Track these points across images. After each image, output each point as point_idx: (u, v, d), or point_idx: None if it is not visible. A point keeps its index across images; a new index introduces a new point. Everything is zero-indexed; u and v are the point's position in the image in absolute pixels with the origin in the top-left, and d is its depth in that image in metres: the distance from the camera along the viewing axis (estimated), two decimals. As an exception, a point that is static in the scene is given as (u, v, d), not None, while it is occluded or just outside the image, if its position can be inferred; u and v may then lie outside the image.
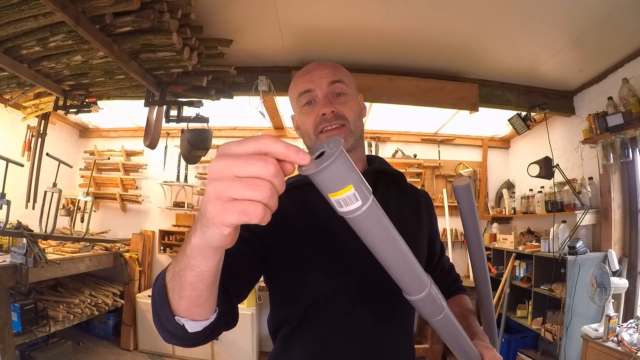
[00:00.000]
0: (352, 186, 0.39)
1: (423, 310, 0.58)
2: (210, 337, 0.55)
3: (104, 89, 2.59)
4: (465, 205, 0.76)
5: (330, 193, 0.40)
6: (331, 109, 0.76)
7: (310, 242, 0.73)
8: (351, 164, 0.39)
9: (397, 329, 0.78)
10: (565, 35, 2.22)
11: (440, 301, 0.57)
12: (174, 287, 0.47)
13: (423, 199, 0.92)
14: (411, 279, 0.53)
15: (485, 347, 0.71)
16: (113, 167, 4.06)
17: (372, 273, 0.74)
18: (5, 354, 2.15)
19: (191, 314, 0.49)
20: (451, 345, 0.65)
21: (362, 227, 0.45)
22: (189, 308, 0.48)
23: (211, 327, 0.53)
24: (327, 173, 0.38)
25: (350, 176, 0.39)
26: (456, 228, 3.88)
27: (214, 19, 2.13)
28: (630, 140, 2.32)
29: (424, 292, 0.54)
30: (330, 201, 0.41)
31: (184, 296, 0.46)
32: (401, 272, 0.52)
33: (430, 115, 3.40)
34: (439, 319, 0.58)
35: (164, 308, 0.49)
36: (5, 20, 1.72)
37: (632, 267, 2.44)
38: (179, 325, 0.49)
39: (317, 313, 0.73)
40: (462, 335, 0.64)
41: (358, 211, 0.41)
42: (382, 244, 0.48)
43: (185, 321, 0.49)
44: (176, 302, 0.48)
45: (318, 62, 0.83)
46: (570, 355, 2.44)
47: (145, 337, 3.42)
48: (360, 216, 0.42)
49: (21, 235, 2.35)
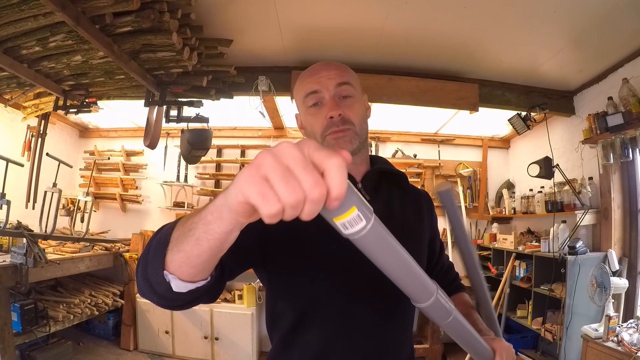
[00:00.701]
0: (355, 207, 0.40)
1: (432, 315, 0.59)
2: (189, 304, 0.53)
3: (104, 89, 2.59)
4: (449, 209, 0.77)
5: (335, 217, 0.40)
6: (338, 112, 0.76)
7: (313, 239, 0.72)
8: (351, 186, 0.39)
9: (397, 328, 0.78)
10: (565, 35, 2.21)
11: (448, 305, 0.59)
12: (180, 238, 0.45)
13: (424, 199, 0.92)
14: (418, 288, 0.54)
15: (493, 339, 0.73)
16: (113, 167, 4.06)
17: (372, 273, 0.74)
18: (5, 354, 2.15)
19: (182, 272, 0.47)
20: (462, 343, 0.67)
21: (367, 246, 0.46)
22: (182, 265, 0.46)
23: (196, 293, 0.50)
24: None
25: (352, 198, 0.39)
26: (456, 228, 3.88)
27: (214, 19, 2.13)
28: (630, 140, 2.32)
29: (431, 299, 0.55)
30: (336, 225, 0.42)
31: (183, 249, 0.45)
32: (408, 282, 0.53)
33: (430, 115, 3.40)
34: (448, 321, 0.60)
35: (157, 258, 0.47)
36: (5, 20, 1.72)
37: (632, 267, 2.44)
38: (164, 281, 0.47)
39: (317, 312, 0.73)
40: (472, 334, 0.66)
41: (363, 231, 0.42)
42: (389, 259, 0.49)
43: (172, 278, 0.47)
44: (174, 253, 0.46)
45: (325, 62, 0.82)
46: (570, 355, 2.44)
47: (145, 337, 3.42)
48: (365, 236, 0.43)
49: (21, 235, 2.35)
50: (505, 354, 0.72)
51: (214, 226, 0.41)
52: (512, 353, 0.74)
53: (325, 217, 0.42)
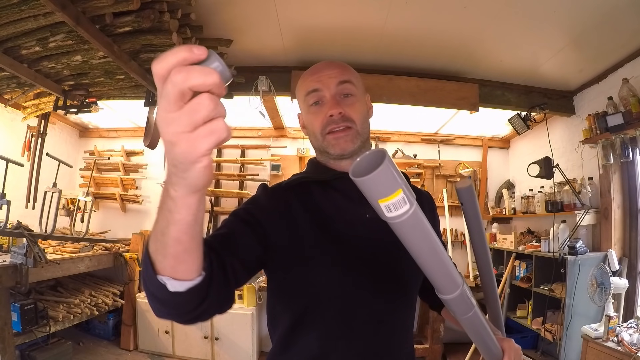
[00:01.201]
0: (401, 190, 0.40)
1: (454, 308, 0.58)
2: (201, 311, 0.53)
3: (104, 89, 2.59)
4: (469, 206, 0.77)
5: (381, 199, 0.40)
6: (339, 110, 0.76)
7: (314, 239, 0.72)
8: (397, 169, 0.39)
9: (397, 328, 0.78)
10: (565, 35, 2.22)
11: (471, 299, 0.58)
12: (158, 248, 0.45)
13: (426, 200, 0.92)
14: (446, 278, 0.54)
15: (503, 339, 0.73)
16: (113, 167, 4.06)
17: (373, 273, 0.74)
18: (5, 354, 2.15)
19: (176, 272, 0.47)
20: (476, 339, 0.67)
21: (407, 231, 0.45)
22: (174, 266, 0.46)
23: (197, 293, 0.49)
24: (379, 177, 0.38)
25: (398, 180, 0.39)
26: (456, 228, 3.88)
27: (214, 19, 2.13)
28: (630, 140, 2.32)
29: (457, 291, 0.55)
30: (379, 207, 0.41)
31: (169, 253, 0.45)
32: (438, 272, 0.53)
33: (430, 115, 3.40)
34: (469, 316, 0.59)
35: (147, 264, 0.47)
36: (5, 20, 1.72)
37: (632, 267, 2.44)
38: (160, 285, 0.47)
39: (318, 312, 0.73)
40: (487, 331, 0.66)
41: (405, 215, 0.41)
42: (424, 246, 0.48)
43: (167, 279, 0.47)
44: (160, 261, 0.46)
45: (327, 61, 0.82)
46: (570, 355, 2.44)
47: (145, 337, 3.42)
48: (406, 220, 0.42)
49: (21, 235, 2.35)
50: (514, 355, 0.72)
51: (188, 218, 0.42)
52: (520, 355, 0.73)
53: (369, 198, 0.41)
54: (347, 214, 0.76)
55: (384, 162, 0.38)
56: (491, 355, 0.70)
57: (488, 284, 0.88)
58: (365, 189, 0.40)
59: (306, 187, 0.78)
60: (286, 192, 0.78)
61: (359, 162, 0.41)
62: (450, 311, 0.60)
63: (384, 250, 0.73)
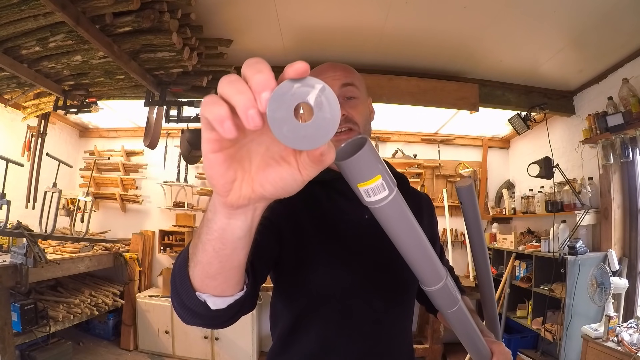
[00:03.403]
0: (380, 176, 0.41)
1: (439, 302, 0.59)
2: (234, 318, 0.52)
3: (104, 89, 2.59)
4: (468, 205, 0.77)
5: (359, 183, 0.42)
6: (342, 112, 0.76)
7: (313, 239, 0.73)
8: (378, 155, 0.41)
9: (397, 328, 0.78)
10: (565, 35, 2.21)
11: (455, 293, 0.59)
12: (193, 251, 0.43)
13: (424, 202, 0.92)
14: (429, 269, 0.55)
15: (493, 342, 0.73)
16: (113, 167, 4.06)
17: (373, 273, 0.74)
18: (5, 354, 2.15)
19: (208, 287, 0.46)
20: (463, 337, 0.67)
21: (386, 217, 0.47)
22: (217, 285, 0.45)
23: (237, 305, 0.49)
24: (358, 162, 0.40)
25: (378, 166, 0.41)
26: (456, 228, 3.88)
27: (214, 19, 2.13)
28: (630, 140, 2.32)
29: (440, 282, 0.55)
30: (359, 191, 0.43)
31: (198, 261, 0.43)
32: (421, 262, 0.54)
33: (430, 115, 3.40)
34: (453, 310, 0.60)
35: (184, 281, 0.46)
36: (5, 20, 1.72)
37: (632, 267, 2.44)
38: (199, 302, 0.46)
39: (317, 312, 0.73)
40: (474, 329, 0.66)
41: (384, 201, 0.43)
42: (405, 233, 0.50)
43: (206, 297, 0.46)
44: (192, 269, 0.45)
45: (331, 63, 0.83)
46: (570, 355, 2.43)
47: (145, 337, 3.42)
48: (385, 206, 0.44)
49: (21, 235, 2.35)
50: (503, 358, 0.72)
51: (212, 223, 0.39)
52: (509, 358, 0.73)
53: (350, 181, 0.43)
54: (347, 215, 0.76)
55: (363, 147, 0.39)
56: (479, 355, 0.70)
57: (485, 284, 0.88)
58: (346, 172, 0.42)
59: (306, 187, 0.78)
60: None
61: (343, 147, 0.43)
62: (435, 305, 0.60)
63: (383, 250, 0.72)
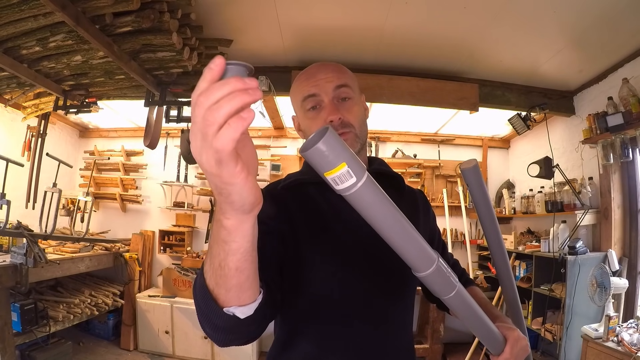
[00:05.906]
0: (345, 163, 0.42)
1: (435, 287, 0.57)
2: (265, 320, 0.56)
3: (104, 89, 2.59)
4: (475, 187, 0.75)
5: (326, 172, 0.42)
6: (338, 116, 0.76)
7: (311, 240, 0.73)
8: (342, 143, 0.42)
9: (396, 328, 0.78)
10: (565, 35, 2.22)
11: (451, 276, 0.56)
12: (219, 282, 0.47)
13: (419, 198, 0.92)
14: (417, 253, 0.53)
15: (508, 328, 0.69)
16: (113, 167, 4.06)
17: (370, 273, 0.74)
18: (5, 354, 2.15)
19: (240, 300, 0.49)
20: (469, 323, 0.63)
21: (360, 203, 0.47)
22: (239, 295, 0.48)
23: (262, 307, 0.52)
24: (319, 151, 0.40)
25: (342, 154, 0.42)
26: (456, 228, 3.88)
27: (214, 19, 2.13)
28: (630, 140, 2.32)
29: (432, 266, 0.53)
30: (327, 180, 0.44)
31: (233, 285, 0.46)
32: (406, 247, 0.52)
33: (430, 115, 3.40)
34: (452, 295, 0.57)
35: (209, 303, 0.48)
36: (5, 20, 1.72)
37: (632, 267, 2.44)
38: (229, 317, 0.49)
39: (317, 312, 0.73)
40: (480, 313, 0.62)
41: (354, 187, 0.43)
42: (383, 219, 0.49)
43: (234, 309, 0.49)
44: (224, 294, 0.48)
45: (321, 63, 0.82)
46: (570, 355, 2.43)
47: (145, 337, 3.42)
48: (357, 192, 0.44)
49: (21, 235, 2.35)
50: (518, 345, 0.67)
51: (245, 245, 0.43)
52: (525, 346, 0.69)
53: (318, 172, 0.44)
54: (343, 215, 0.76)
55: (324, 136, 0.40)
56: (490, 342, 0.66)
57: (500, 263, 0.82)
58: (312, 162, 0.42)
59: (303, 188, 0.79)
60: (283, 193, 0.78)
61: (309, 139, 0.43)
62: (433, 293, 0.58)
63: (381, 249, 0.72)
